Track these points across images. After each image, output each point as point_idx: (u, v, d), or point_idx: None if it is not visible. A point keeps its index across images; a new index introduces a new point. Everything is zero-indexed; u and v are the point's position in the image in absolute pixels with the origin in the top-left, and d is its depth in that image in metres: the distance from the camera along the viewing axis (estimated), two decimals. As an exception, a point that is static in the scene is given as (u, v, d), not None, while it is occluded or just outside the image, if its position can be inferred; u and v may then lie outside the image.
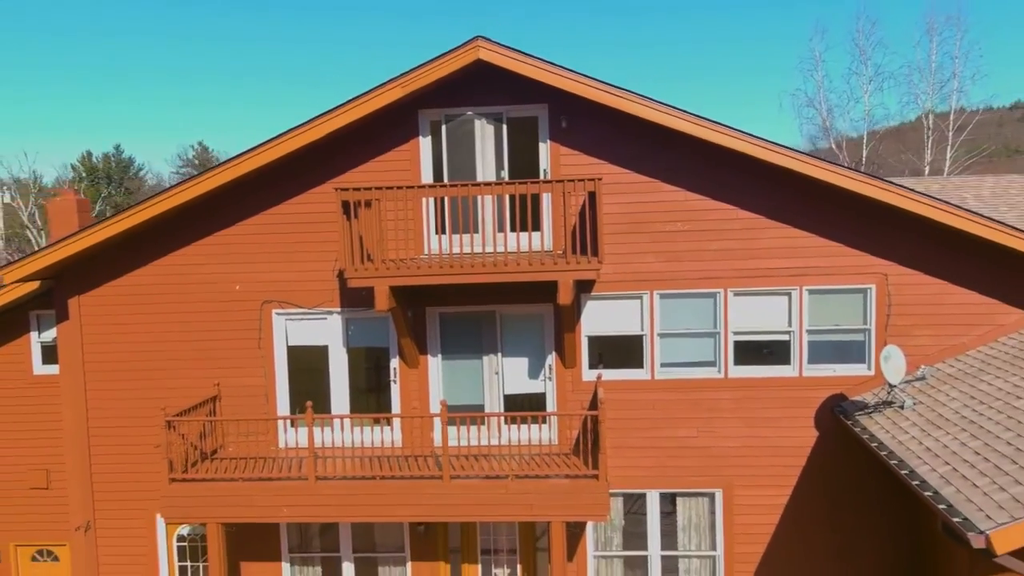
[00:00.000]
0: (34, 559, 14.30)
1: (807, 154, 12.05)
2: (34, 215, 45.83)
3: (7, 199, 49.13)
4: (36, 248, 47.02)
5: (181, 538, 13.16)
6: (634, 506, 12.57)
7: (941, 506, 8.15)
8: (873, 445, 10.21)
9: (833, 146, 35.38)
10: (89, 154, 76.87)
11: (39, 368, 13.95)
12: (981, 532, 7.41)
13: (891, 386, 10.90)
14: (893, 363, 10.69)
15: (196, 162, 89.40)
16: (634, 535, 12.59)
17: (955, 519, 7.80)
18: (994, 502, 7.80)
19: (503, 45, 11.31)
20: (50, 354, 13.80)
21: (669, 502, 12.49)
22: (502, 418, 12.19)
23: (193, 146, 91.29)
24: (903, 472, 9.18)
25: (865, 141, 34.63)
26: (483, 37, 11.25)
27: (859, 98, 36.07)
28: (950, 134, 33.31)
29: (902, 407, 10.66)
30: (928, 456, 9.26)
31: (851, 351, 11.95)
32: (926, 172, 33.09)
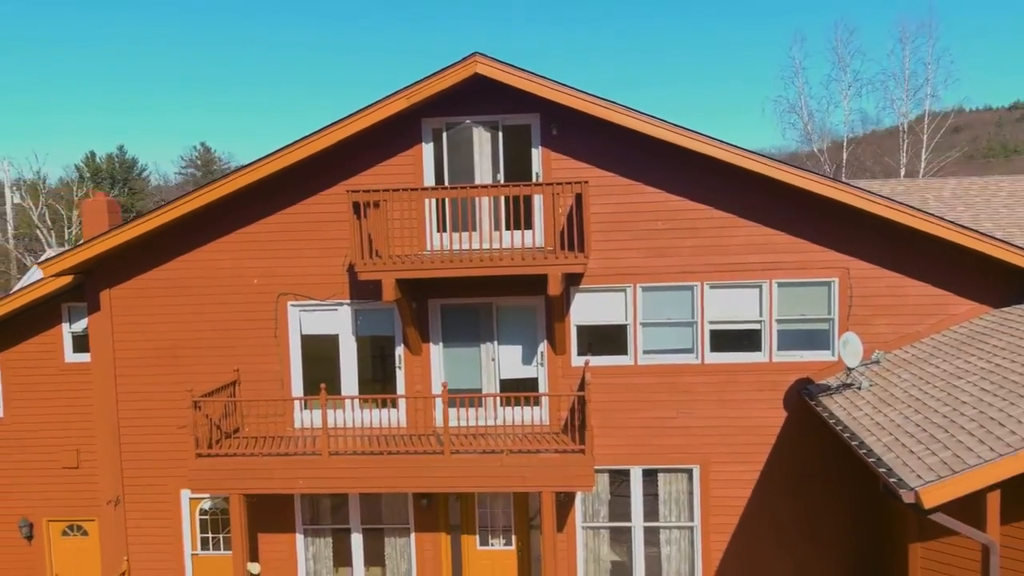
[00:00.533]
0: (64, 533, 15.41)
1: (773, 159, 13.17)
2: (44, 215, 46.95)
3: (17, 199, 50.18)
4: (46, 247, 48.16)
5: (203, 512, 14.30)
6: (619, 481, 13.71)
7: (881, 470, 9.29)
8: (831, 422, 11.36)
9: (815, 150, 36.75)
10: (93, 155, 77.58)
11: (70, 356, 15.05)
12: (911, 489, 8.57)
13: (849, 369, 12.06)
14: (851, 348, 11.84)
15: (199, 163, 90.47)
16: (619, 508, 13.73)
17: (891, 479, 8.94)
18: (926, 465, 8.96)
19: (498, 60, 12.45)
20: (80, 343, 14.92)
21: (651, 477, 13.63)
22: (498, 399, 13.33)
23: (196, 147, 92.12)
24: (853, 443, 10.33)
25: (845, 145, 35.96)
26: (480, 53, 12.39)
27: (839, 103, 37.58)
28: (924, 137, 34.59)
29: (859, 388, 11.81)
30: (876, 429, 10.41)
31: (817, 339, 13.10)
32: (901, 174, 34.36)
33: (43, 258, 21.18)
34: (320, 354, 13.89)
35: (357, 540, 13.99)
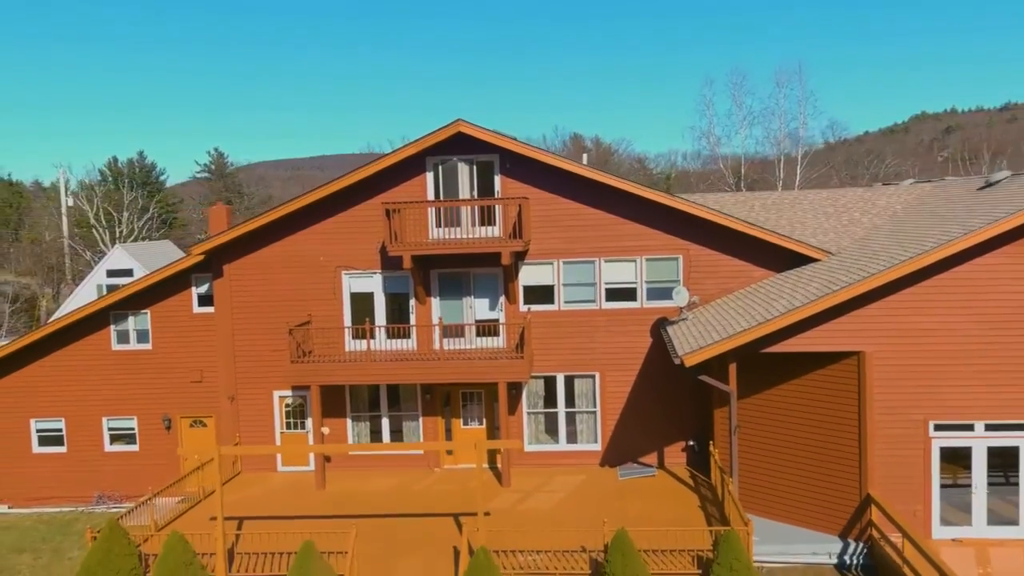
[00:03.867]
0: (191, 425, 23.46)
1: (635, 183, 21.29)
2: (99, 215, 54.88)
3: (71, 203, 58.12)
4: (100, 244, 56.20)
5: (287, 405, 22.43)
6: (550, 383, 21.84)
7: (674, 354, 17.45)
8: (665, 338, 19.52)
9: (722, 166, 45.23)
10: (115, 159, 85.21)
11: (196, 309, 23.06)
12: (678, 355, 16.78)
13: (680, 309, 20.24)
14: (680, 297, 20.01)
15: (212, 167, 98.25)
16: (550, 400, 21.87)
17: (674, 355, 17.13)
18: (691, 346, 17.15)
19: (473, 124, 20.56)
20: (203, 300, 22.94)
21: (569, 381, 21.75)
22: (473, 329, 21.47)
23: (209, 152, 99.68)
24: (667, 342, 18.48)
25: (743, 164, 44.41)
26: (462, 119, 20.49)
27: (737, 131, 47.22)
28: (798, 157, 43.02)
29: (685, 320, 19.96)
30: (682, 336, 18.57)
31: (669, 293, 21.17)
32: (779, 188, 42.93)
33: (186, 250, 28.99)
34: (361, 305, 22.00)
35: (385, 422, 22.15)
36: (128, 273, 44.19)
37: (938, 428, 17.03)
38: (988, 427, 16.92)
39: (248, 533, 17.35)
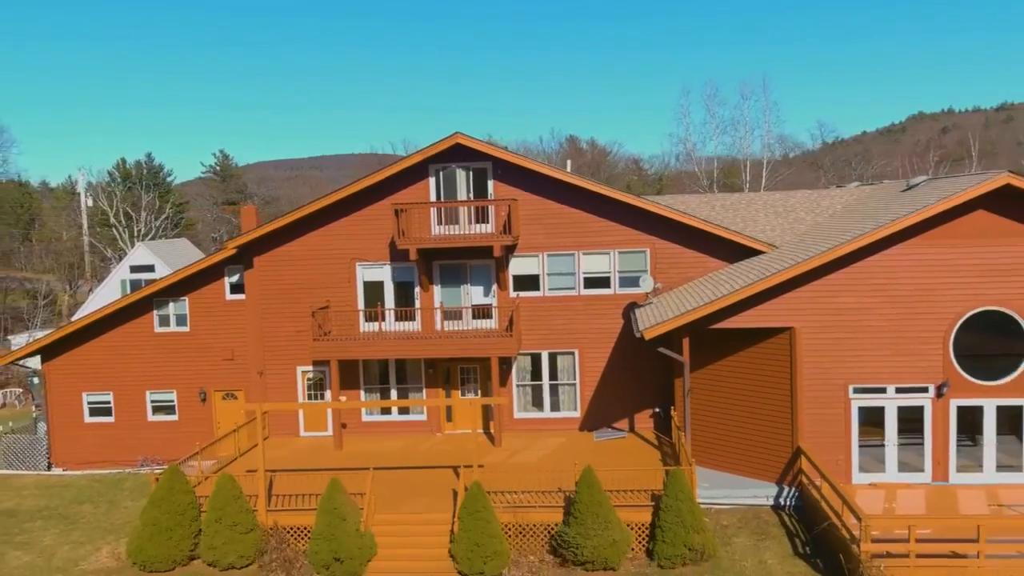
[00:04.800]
0: (223, 398, 26.84)
1: (607, 187, 24.69)
2: (119, 214, 58.26)
3: (90, 203, 61.52)
4: (120, 242, 59.54)
5: (309, 379, 25.83)
6: (536, 360, 25.24)
7: (636, 329, 20.87)
8: (632, 319, 22.92)
9: (696, 170, 48.86)
10: (124, 161, 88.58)
11: (228, 296, 26.43)
12: (639, 330, 20.21)
13: (647, 294, 23.66)
14: (645, 284, 23.44)
15: (218, 168, 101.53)
16: (536, 374, 25.28)
17: (636, 331, 20.55)
18: (651, 323, 20.58)
19: (469, 136, 23.95)
20: (234, 289, 26.30)
21: (553, 357, 25.16)
22: (470, 312, 24.88)
23: (215, 154, 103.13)
24: (634, 323, 21.89)
25: (715, 168, 48.03)
26: (460, 132, 23.88)
27: (710, 138, 51.40)
28: (764, 161, 46.65)
29: (651, 303, 23.37)
30: (645, 315, 21.98)
31: (639, 281, 24.57)
32: (746, 189, 46.62)
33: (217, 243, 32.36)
34: (373, 292, 25.41)
35: (393, 393, 25.56)
36: (150, 269, 47.64)
37: (856, 391, 20.45)
38: (898, 390, 20.35)
39: (280, 480, 20.74)
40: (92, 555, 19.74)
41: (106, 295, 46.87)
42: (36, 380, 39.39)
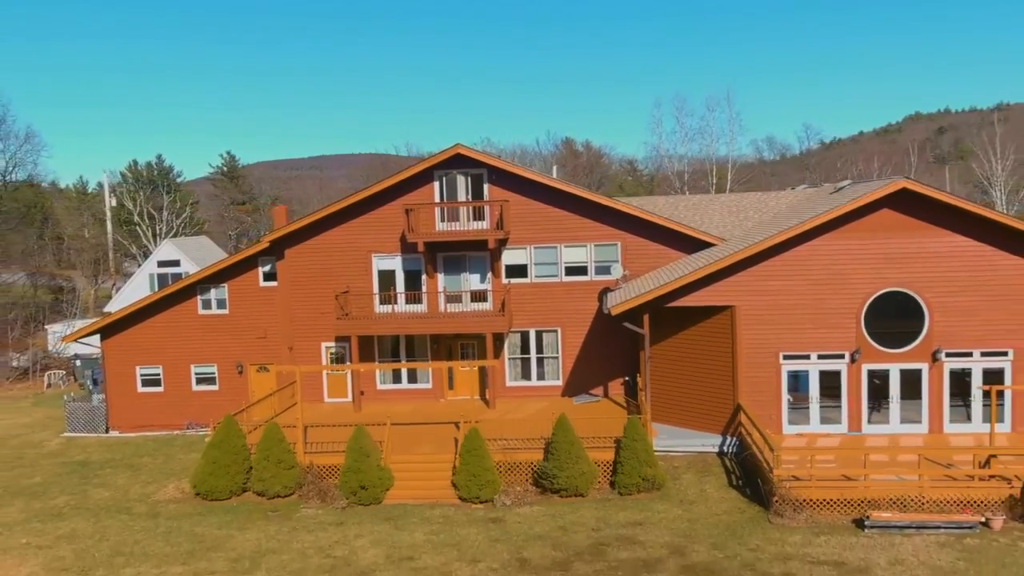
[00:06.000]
0: (257, 371, 31.29)
1: (583, 188, 29.15)
2: (143, 212, 62.73)
3: (114, 203, 66.00)
4: (144, 240, 63.95)
5: (332, 353, 30.30)
6: (526, 337, 29.72)
7: (604, 308, 25.34)
8: (605, 301, 27.38)
9: (670, 175, 53.51)
10: (135, 162, 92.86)
11: (261, 283, 30.89)
12: (607, 308, 24.71)
13: (617, 280, 28.12)
14: (615, 271, 27.93)
15: (225, 169, 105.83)
16: (525, 349, 29.77)
17: (604, 309, 25.02)
18: (617, 301, 25.06)
19: (467, 147, 28.43)
20: (267, 277, 30.75)
21: (539, 335, 29.64)
22: (468, 296, 29.37)
23: (222, 155, 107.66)
24: (604, 303, 26.34)
25: (685, 172, 52.74)
26: (460, 144, 28.35)
27: (680, 145, 56.60)
28: (728, 166, 51.20)
29: (620, 288, 27.81)
30: (613, 297, 26.44)
31: (610, 269, 29.00)
32: (712, 191, 51.34)
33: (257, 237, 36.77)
34: (386, 279, 29.88)
35: (404, 365, 30.05)
36: (176, 264, 52.24)
37: (786, 358, 24.91)
38: (820, 356, 24.82)
39: (312, 432, 25.17)
40: (160, 490, 24.22)
41: (136, 287, 51.50)
42: (79, 363, 44.02)
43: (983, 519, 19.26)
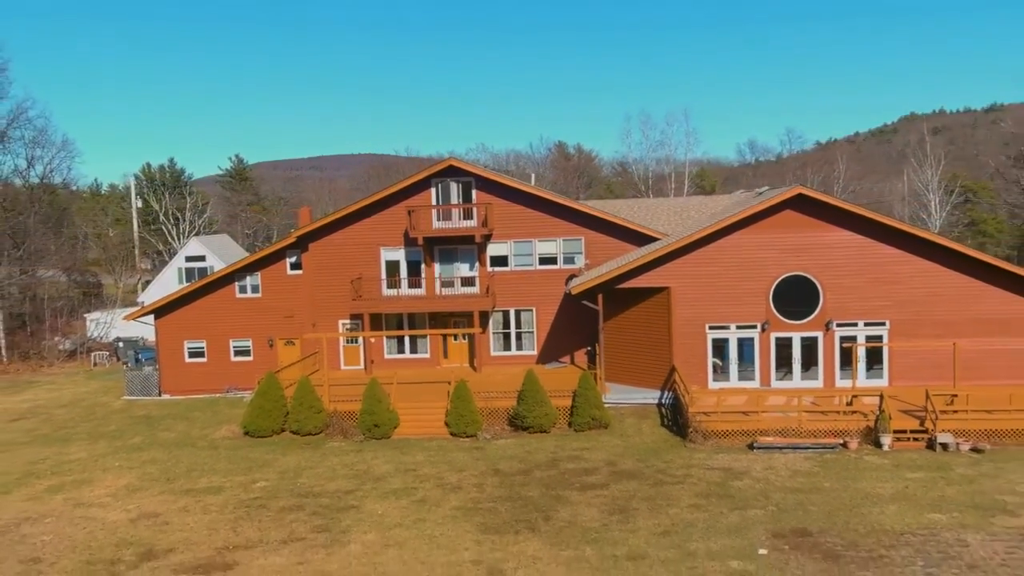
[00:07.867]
0: (285, 344, 37.67)
1: (552, 192, 35.59)
2: (168, 213, 69.05)
3: (140, 204, 72.36)
4: (169, 238, 70.24)
5: (347, 329, 36.72)
6: (507, 315, 36.17)
7: (567, 289, 31.79)
8: (569, 286, 33.82)
9: (636, 180, 60.06)
10: (148, 165, 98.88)
11: (288, 272, 37.33)
12: (568, 289, 31.20)
13: (581, 268, 34.59)
14: (579, 261, 34.38)
15: (234, 172, 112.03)
16: (507, 325, 36.22)
17: (567, 290, 31.48)
18: (579, 283, 31.53)
19: (459, 159, 34.89)
20: (292, 267, 37.17)
21: (518, 313, 36.08)
22: (459, 282, 35.84)
23: (231, 158, 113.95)
24: (568, 285, 32.80)
25: (649, 178, 59.29)
26: (453, 157, 34.82)
27: (645, 154, 63.58)
28: (685, 169, 57.86)
29: (582, 275, 34.22)
30: (575, 282, 32.90)
31: (575, 260, 35.43)
32: (671, 195, 57.99)
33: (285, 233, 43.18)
34: (392, 267, 36.34)
35: (407, 339, 36.49)
36: (202, 259, 58.60)
37: (711, 328, 31.36)
38: (737, 327, 31.28)
39: (333, 390, 31.57)
40: (216, 431, 30.65)
41: (166, 280, 57.90)
42: (121, 344, 50.48)
43: (842, 442, 25.74)
